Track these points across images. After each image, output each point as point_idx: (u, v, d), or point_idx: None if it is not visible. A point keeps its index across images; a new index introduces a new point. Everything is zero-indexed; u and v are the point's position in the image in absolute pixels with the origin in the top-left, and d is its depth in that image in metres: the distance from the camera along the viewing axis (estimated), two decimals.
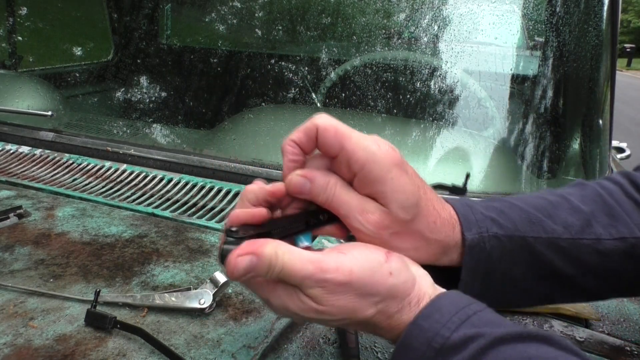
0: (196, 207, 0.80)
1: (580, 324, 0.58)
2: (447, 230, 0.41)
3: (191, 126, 1.31)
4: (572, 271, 0.44)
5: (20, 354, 0.47)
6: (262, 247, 0.36)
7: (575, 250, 0.44)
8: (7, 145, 1.02)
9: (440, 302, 0.37)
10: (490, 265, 0.43)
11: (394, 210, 0.38)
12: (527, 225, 0.44)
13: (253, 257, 0.35)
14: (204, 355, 0.48)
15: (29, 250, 0.65)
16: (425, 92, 0.99)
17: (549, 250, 0.44)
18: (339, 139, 0.37)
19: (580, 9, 0.94)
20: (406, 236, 0.39)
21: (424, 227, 0.39)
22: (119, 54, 1.74)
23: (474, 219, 0.43)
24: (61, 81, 1.56)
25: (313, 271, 0.35)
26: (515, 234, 0.43)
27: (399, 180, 0.37)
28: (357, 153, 0.37)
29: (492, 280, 0.44)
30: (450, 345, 0.34)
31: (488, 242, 0.42)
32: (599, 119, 0.94)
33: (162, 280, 0.60)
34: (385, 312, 0.37)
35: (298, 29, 1.29)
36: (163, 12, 1.70)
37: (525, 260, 0.44)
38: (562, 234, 0.44)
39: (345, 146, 0.37)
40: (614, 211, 0.46)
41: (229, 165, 0.88)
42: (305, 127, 0.39)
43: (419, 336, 0.35)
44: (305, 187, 0.39)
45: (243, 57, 1.38)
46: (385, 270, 0.37)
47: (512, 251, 0.43)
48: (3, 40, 1.50)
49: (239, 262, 0.35)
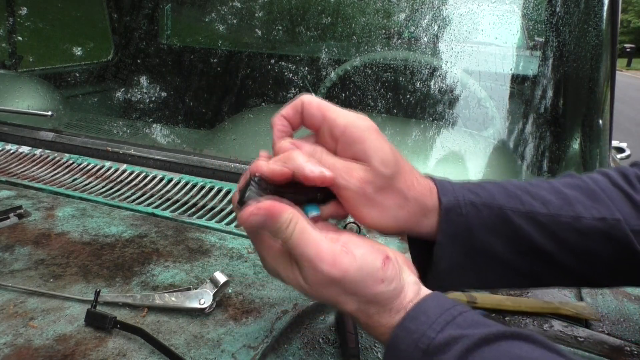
0: (196, 207, 0.80)
1: (580, 324, 0.58)
2: (424, 192, 0.43)
3: (191, 126, 1.31)
4: (550, 248, 0.45)
5: (20, 354, 0.47)
6: (281, 212, 0.38)
7: (553, 226, 0.45)
8: (7, 145, 1.02)
9: (426, 304, 0.38)
10: (468, 232, 0.44)
11: (375, 165, 0.40)
12: (505, 197, 0.45)
13: (268, 218, 0.38)
14: (204, 355, 0.48)
15: (29, 250, 0.65)
16: (425, 92, 0.99)
17: (527, 225, 0.44)
18: (321, 110, 0.42)
19: (580, 9, 0.94)
20: (388, 193, 0.42)
21: (403, 185, 0.42)
22: (119, 54, 1.74)
23: (450, 187, 0.45)
24: (61, 81, 1.56)
25: (312, 255, 0.37)
26: (494, 204, 0.44)
27: (378, 140, 0.41)
28: (338, 119, 0.41)
29: (472, 251, 0.45)
30: (435, 346, 0.35)
31: (464, 208, 0.44)
32: (599, 119, 0.94)
33: (162, 280, 0.60)
34: (364, 312, 0.39)
35: (298, 29, 1.29)
36: (163, 12, 1.70)
37: (504, 233, 0.44)
38: (540, 209, 0.45)
39: (327, 115, 0.41)
40: (596, 195, 0.47)
41: (229, 165, 0.88)
42: (292, 103, 0.43)
43: (405, 338, 0.36)
44: None
45: (243, 57, 1.38)
46: (379, 277, 0.38)
47: (489, 221, 0.44)
48: (3, 40, 1.50)
49: (252, 219, 0.38)
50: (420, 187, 0.43)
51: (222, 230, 0.73)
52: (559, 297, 0.62)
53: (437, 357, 0.34)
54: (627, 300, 0.63)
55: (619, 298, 0.63)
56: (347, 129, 0.41)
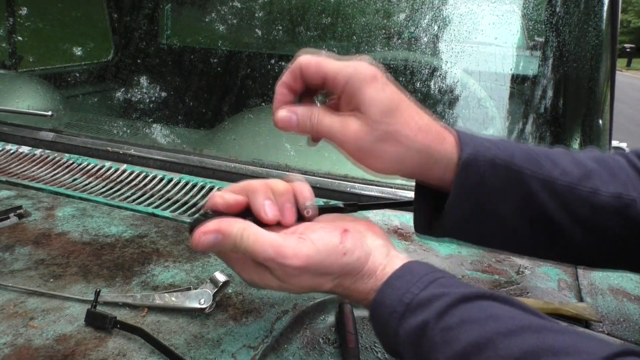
0: (196, 207, 0.80)
1: (580, 324, 0.58)
2: (432, 140, 0.42)
3: (191, 126, 1.31)
4: (562, 218, 0.45)
5: (20, 354, 0.47)
6: (230, 226, 0.40)
7: (569, 196, 0.44)
8: (7, 145, 1.02)
9: (412, 265, 0.40)
10: (482, 190, 0.43)
11: (371, 116, 0.41)
12: (526, 160, 0.44)
13: (218, 235, 0.40)
14: (204, 355, 0.48)
15: (29, 250, 0.65)
16: (425, 92, 0.99)
17: (543, 191, 0.44)
18: (320, 69, 0.42)
19: (580, 9, 0.94)
20: (388, 141, 0.41)
21: (405, 135, 0.41)
22: (119, 54, 1.74)
23: (471, 140, 0.44)
24: (61, 81, 1.56)
25: (273, 255, 0.39)
26: (512, 165, 0.44)
27: (375, 90, 0.41)
28: (338, 76, 0.41)
29: (482, 209, 0.44)
30: (418, 302, 0.37)
31: (483, 164, 0.43)
32: (599, 119, 0.94)
33: (162, 280, 0.60)
34: (340, 285, 0.41)
35: (298, 29, 1.29)
36: (163, 12, 1.70)
37: (518, 197, 0.44)
38: (560, 176, 0.44)
39: (328, 74, 0.41)
40: (614, 172, 0.46)
41: (229, 165, 0.88)
42: (291, 68, 0.43)
43: (391, 294, 0.39)
44: (292, 119, 0.43)
45: (243, 57, 1.38)
46: (340, 252, 0.40)
47: (506, 182, 0.43)
48: (3, 40, 1.49)
49: (204, 239, 0.40)
50: (427, 135, 0.42)
51: None
52: (559, 298, 0.62)
53: (420, 310, 0.36)
54: (627, 300, 0.63)
55: (619, 298, 0.63)
56: (348, 83, 0.41)
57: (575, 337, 0.32)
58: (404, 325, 0.37)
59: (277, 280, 0.41)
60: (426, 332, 0.35)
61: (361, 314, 0.55)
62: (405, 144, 0.42)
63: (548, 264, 0.70)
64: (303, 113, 0.43)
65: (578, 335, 0.32)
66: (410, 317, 0.37)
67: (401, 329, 0.37)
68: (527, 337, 0.32)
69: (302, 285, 0.41)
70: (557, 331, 0.32)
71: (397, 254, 0.43)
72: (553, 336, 0.32)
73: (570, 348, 0.31)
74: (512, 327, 0.33)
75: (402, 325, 0.37)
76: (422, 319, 0.36)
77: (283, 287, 0.41)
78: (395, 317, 0.38)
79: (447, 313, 0.35)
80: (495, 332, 0.33)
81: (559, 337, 0.32)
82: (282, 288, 0.42)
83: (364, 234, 0.43)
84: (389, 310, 0.38)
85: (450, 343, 0.34)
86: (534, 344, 0.31)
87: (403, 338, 0.37)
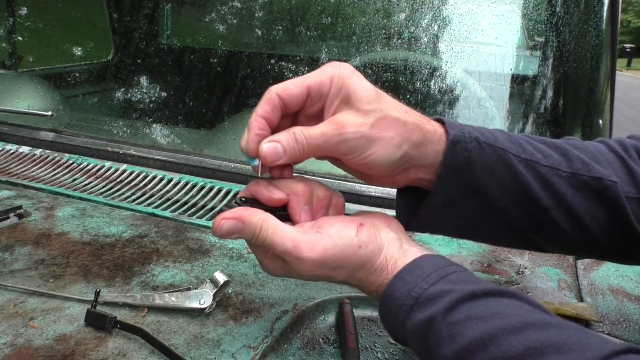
0: (196, 207, 0.80)
1: (580, 324, 0.58)
2: (421, 118, 0.43)
3: (191, 126, 1.31)
4: (547, 201, 0.45)
5: (20, 354, 0.47)
6: (250, 216, 0.41)
7: (553, 178, 0.45)
8: (7, 145, 1.02)
9: (423, 260, 0.41)
10: (469, 170, 0.44)
11: (360, 106, 0.41)
12: (508, 142, 0.45)
13: (238, 223, 0.41)
14: (204, 355, 0.48)
15: (29, 250, 0.65)
16: (425, 92, 0.99)
17: (527, 172, 0.45)
18: (299, 83, 0.42)
19: (580, 9, 0.94)
20: (385, 124, 0.41)
21: (397, 112, 0.42)
22: (119, 54, 1.74)
23: (457, 124, 0.45)
24: (61, 81, 1.56)
25: (291, 249, 0.40)
26: (497, 144, 0.44)
27: (361, 78, 0.42)
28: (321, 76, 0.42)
29: (469, 188, 0.45)
30: (426, 297, 0.38)
31: (469, 143, 0.44)
32: (599, 119, 0.94)
33: (162, 280, 0.60)
34: (354, 277, 0.43)
35: (298, 29, 1.29)
36: (163, 12, 1.70)
37: (504, 178, 0.45)
38: (541, 160, 0.45)
39: (309, 82, 0.42)
40: (595, 157, 0.47)
41: (229, 165, 0.88)
42: (265, 98, 0.42)
43: (400, 287, 0.40)
44: (278, 149, 0.42)
45: (243, 57, 1.38)
46: (355, 245, 0.41)
47: (491, 162, 0.44)
48: (3, 40, 1.49)
49: (223, 224, 0.42)
50: (415, 115, 0.43)
51: None
52: (559, 298, 0.62)
53: (427, 305, 0.37)
54: (627, 300, 0.63)
55: (619, 298, 0.63)
56: (333, 81, 0.42)
57: (580, 333, 0.32)
58: (412, 318, 0.38)
59: (294, 272, 0.42)
60: (433, 325, 0.36)
61: (361, 314, 0.55)
62: (402, 120, 0.42)
63: (548, 264, 0.70)
64: (286, 137, 0.42)
65: (583, 332, 0.33)
66: (418, 311, 0.38)
67: (409, 322, 0.38)
68: (531, 333, 0.32)
69: (318, 275, 0.42)
70: (562, 327, 0.33)
71: (409, 248, 0.43)
72: (557, 332, 0.32)
73: (574, 344, 0.31)
74: (517, 323, 0.33)
75: (410, 318, 0.38)
76: (430, 312, 0.37)
77: (301, 276, 0.43)
78: (403, 309, 0.39)
79: (454, 309, 0.36)
80: (500, 328, 0.33)
81: (563, 333, 0.32)
82: (300, 276, 0.43)
83: (379, 227, 0.44)
84: (398, 303, 0.39)
85: (456, 338, 0.35)
86: (538, 340, 0.32)
87: (410, 330, 0.38)
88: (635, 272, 0.69)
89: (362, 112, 0.41)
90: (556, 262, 0.70)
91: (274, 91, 0.42)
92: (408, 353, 0.51)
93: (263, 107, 0.42)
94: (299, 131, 0.42)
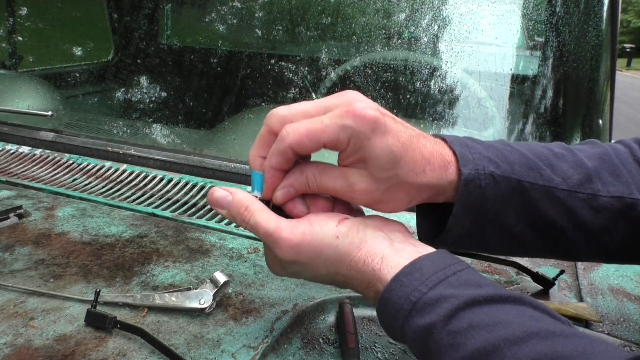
0: (196, 207, 0.80)
1: (580, 324, 0.58)
2: (439, 174, 0.42)
3: (191, 126, 1.31)
4: (565, 223, 0.45)
5: (20, 354, 0.47)
6: (242, 195, 0.43)
7: (570, 202, 0.44)
8: (7, 145, 1.02)
9: (422, 262, 0.39)
10: (483, 204, 0.43)
11: (375, 173, 0.40)
12: (525, 170, 0.44)
13: (229, 195, 0.43)
14: (204, 355, 0.48)
15: (29, 250, 0.65)
16: (425, 92, 0.99)
17: (544, 199, 0.44)
18: (316, 137, 0.39)
19: (580, 9, 0.94)
20: (397, 189, 0.42)
21: (412, 178, 0.41)
22: (119, 54, 1.74)
23: (471, 157, 0.44)
24: (61, 81, 1.56)
25: (272, 230, 0.41)
26: (512, 176, 0.44)
27: (382, 139, 0.39)
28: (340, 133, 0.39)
29: (484, 220, 0.44)
30: (425, 302, 0.36)
31: (484, 180, 0.43)
32: (599, 119, 0.94)
33: (162, 280, 0.60)
34: (337, 273, 0.42)
35: (298, 29, 1.29)
36: (163, 12, 1.70)
37: (519, 206, 0.44)
38: (559, 184, 0.44)
39: (326, 139, 0.39)
40: (617, 170, 0.46)
41: (229, 165, 0.88)
42: (278, 149, 0.41)
43: (398, 291, 0.38)
44: (291, 192, 0.43)
45: (243, 57, 1.38)
46: (333, 234, 0.41)
47: (506, 193, 0.44)
48: (3, 40, 1.49)
49: (215, 191, 0.44)
50: (433, 170, 0.42)
51: (222, 230, 0.73)
52: (559, 297, 0.62)
53: (426, 311, 0.36)
54: (627, 300, 0.63)
55: (619, 298, 0.63)
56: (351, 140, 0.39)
57: (586, 342, 0.31)
58: (410, 324, 0.37)
59: (277, 260, 0.43)
60: (433, 334, 0.35)
61: (361, 314, 0.55)
62: (415, 185, 0.41)
63: (548, 263, 0.70)
64: (299, 182, 0.43)
65: (589, 341, 0.31)
66: (417, 317, 0.36)
67: (407, 327, 0.37)
68: (535, 344, 0.31)
69: (298, 264, 0.42)
70: (567, 336, 0.32)
71: (403, 246, 0.41)
72: (562, 342, 0.31)
73: (579, 355, 0.30)
74: (520, 333, 0.32)
75: (409, 323, 0.37)
76: (429, 320, 0.36)
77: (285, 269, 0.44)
78: (401, 314, 0.37)
79: (455, 316, 0.35)
80: (503, 339, 0.32)
81: (569, 343, 0.31)
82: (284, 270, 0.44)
83: (367, 224, 0.43)
84: (396, 307, 0.38)
85: (457, 347, 0.34)
86: (542, 352, 0.31)
87: (410, 336, 0.37)
88: (635, 272, 0.69)
89: (376, 179, 0.40)
90: (556, 262, 0.70)
91: (287, 144, 0.40)
92: (408, 353, 0.51)
93: (277, 159, 0.41)
94: (312, 176, 0.42)
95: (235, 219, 0.43)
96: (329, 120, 0.39)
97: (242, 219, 0.42)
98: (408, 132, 0.41)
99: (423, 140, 0.42)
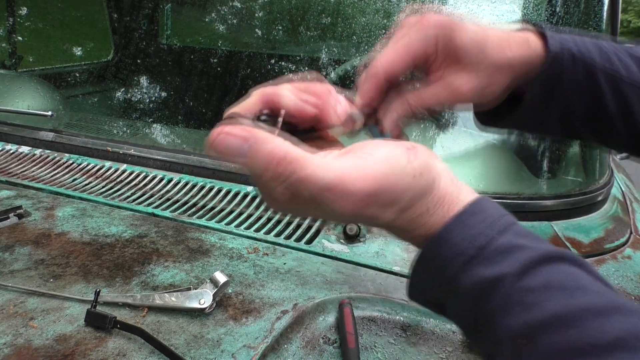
0: (196, 207, 0.80)
1: None
2: (524, 48, 0.42)
3: (191, 126, 1.31)
4: (614, 110, 0.45)
5: (20, 354, 0.47)
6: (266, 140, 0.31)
7: (629, 94, 0.45)
8: (7, 145, 1.02)
9: (484, 203, 0.34)
10: (558, 81, 0.44)
11: (470, 62, 0.40)
12: (599, 56, 0.45)
13: (245, 145, 0.31)
14: (204, 355, 0.48)
15: (29, 250, 0.65)
16: None
17: (607, 84, 0.45)
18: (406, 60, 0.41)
19: (580, 9, 0.94)
20: (493, 72, 0.41)
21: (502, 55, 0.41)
22: (119, 54, 1.74)
23: (557, 36, 0.44)
24: (61, 81, 1.56)
25: (335, 182, 0.31)
26: (589, 60, 0.44)
27: (462, 34, 0.40)
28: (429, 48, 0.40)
29: (553, 99, 0.45)
30: (495, 249, 0.31)
31: (565, 60, 0.43)
32: None
33: (162, 280, 0.60)
34: (403, 218, 0.34)
35: (298, 29, 1.29)
36: (163, 12, 1.70)
37: (584, 87, 0.45)
38: (624, 75, 0.45)
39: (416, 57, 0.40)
40: None
41: (229, 165, 0.88)
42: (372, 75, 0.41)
43: (460, 232, 0.32)
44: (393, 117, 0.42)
45: (243, 57, 1.38)
46: (409, 173, 0.33)
47: (580, 77, 0.44)
48: (3, 40, 1.50)
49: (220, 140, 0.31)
50: (519, 45, 0.42)
51: (222, 230, 0.73)
52: None
53: (495, 260, 0.31)
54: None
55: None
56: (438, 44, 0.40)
57: None
58: (470, 272, 0.31)
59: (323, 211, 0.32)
60: (500, 287, 0.30)
61: (361, 314, 0.55)
62: (507, 64, 0.42)
63: None
64: (404, 110, 0.42)
65: None
66: (483, 265, 0.31)
67: (464, 276, 0.31)
68: (621, 320, 0.28)
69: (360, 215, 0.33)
70: None
71: (460, 183, 0.36)
72: None
73: None
74: (602, 306, 0.28)
75: (468, 271, 0.31)
76: (499, 270, 0.30)
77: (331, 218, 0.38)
78: (460, 260, 0.32)
79: (529, 272, 0.30)
80: (585, 308, 0.28)
81: None
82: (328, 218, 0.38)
83: (430, 153, 0.35)
84: (454, 250, 0.32)
85: (530, 308, 0.29)
86: (628, 330, 0.27)
87: (466, 287, 0.31)
88: (635, 272, 0.69)
89: (474, 69, 0.40)
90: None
91: (380, 67, 0.39)
92: (408, 353, 0.51)
93: (369, 86, 0.41)
94: (414, 103, 0.41)
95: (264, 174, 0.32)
96: (409, 37, 0.40)
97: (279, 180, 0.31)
98: (472, 21, 0.43)
99: (492, 27, 0.43)
